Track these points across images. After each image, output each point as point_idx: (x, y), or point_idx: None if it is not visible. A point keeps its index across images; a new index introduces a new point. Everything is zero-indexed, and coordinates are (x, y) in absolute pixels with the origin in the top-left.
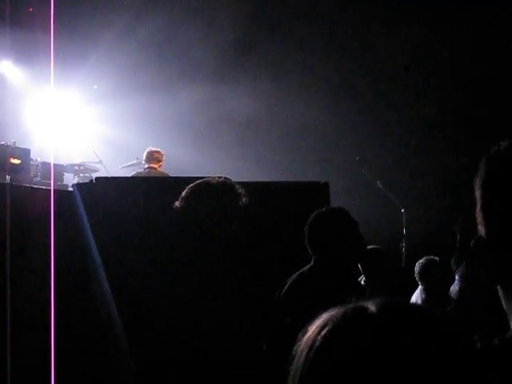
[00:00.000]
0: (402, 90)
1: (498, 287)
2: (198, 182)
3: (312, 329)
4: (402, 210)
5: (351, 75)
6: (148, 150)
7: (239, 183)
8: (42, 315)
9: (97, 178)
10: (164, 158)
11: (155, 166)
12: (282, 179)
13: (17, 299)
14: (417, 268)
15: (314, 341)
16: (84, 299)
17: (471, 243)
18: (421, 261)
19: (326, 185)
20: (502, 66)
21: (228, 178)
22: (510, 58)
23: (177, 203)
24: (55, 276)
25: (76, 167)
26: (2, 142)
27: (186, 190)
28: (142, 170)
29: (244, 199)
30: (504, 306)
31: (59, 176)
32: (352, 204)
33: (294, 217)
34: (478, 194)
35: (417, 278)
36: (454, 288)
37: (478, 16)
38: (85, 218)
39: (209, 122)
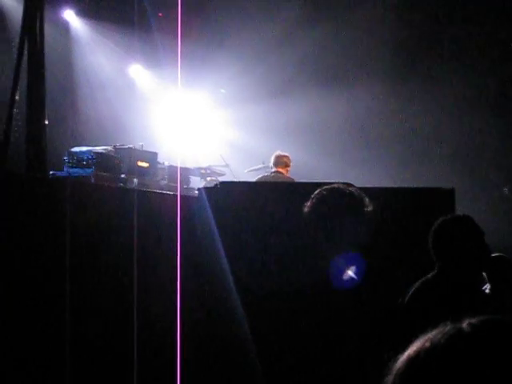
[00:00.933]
0: None
1: None
2: (325, 187)
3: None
4: None
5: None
6: (276, 153)
7: (363, 189)
8: (169, 320)
9: (222, 182)
10: (291, 163)
11: (282, 170)
12: (406, 185)
13: (145, 304)
14: None
15: (411, 360)
16: (209, 303)
17: None
18: None
19: (452, 191)
20: None
21: (352, 184)
22: None
23: (305, 208)
24: (181, 280)
25: (203, 171)
26: (131, 146)
27: (313, 195)
28: (269, 174)
29: (370, 206)
30: None
31: (186, 179)
32: (477, 211)
33: (418, 224)
34: None
35: None
36: None
37: None
38: (212, 221)
39: (335, 126)
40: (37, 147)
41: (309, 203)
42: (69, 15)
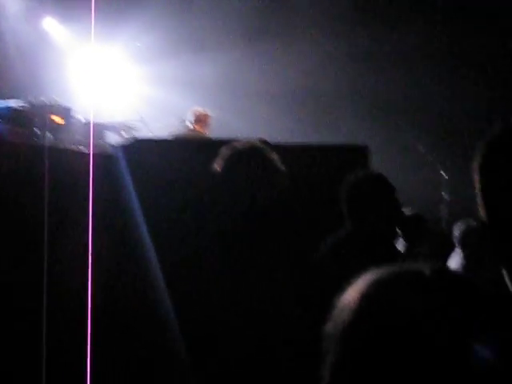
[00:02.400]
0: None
1: (503, 270)
2: (236, 144)
3: (357, 286)
4: (443, 174)
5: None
6: (194, 110)
7: (276, 145)
8: (80, 280)
9: (138, 140)
10: (209, 119)
11: (199, 128)
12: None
13: (55, 262)
14: (456, 233)
15: (362, 298)
16: (124, 264)
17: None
18: (459, 225)
19: (366, 148)
20: None
21: (265, 141)
22: None
23: (217, 166)
24: (93, 243)
25: (117, 125)
26: (45, 100)
27: (225, 151)
28: (186, 131)
29: (277, 164)
30: (510, 289)
31: (100, 134)
32: (391, 168)
33: (332, 180)
34: (476, 177)
35: (456, 243)
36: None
37: None
38: (127, 179)
39: (254, 84)
40: None
41: (220, 160)
42: None
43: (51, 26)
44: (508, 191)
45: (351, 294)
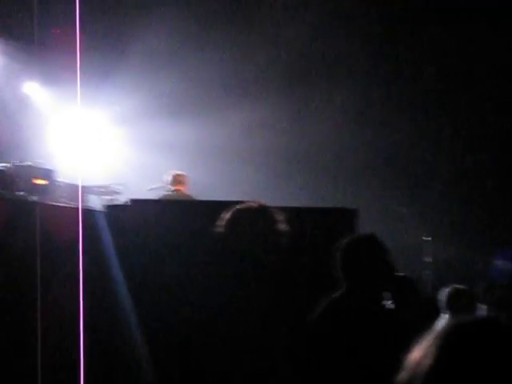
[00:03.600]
0: None
1: None
2: (239, 207)
3: (436, 335)
4: (428, 238)
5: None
6: (172, 173)
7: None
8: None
9: (133, 200)
10: (188, 180)
11: (181, 188)
12: (308, 204)
13: (46, 310)
14: (443, 297)
15: (443, 347)
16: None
17: None
18: (447, 289)
19: (355, 211)
20: None
21: (264, 204)
22: None
23: (216, 228)
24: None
25: (100, 189)
26: (29, 163)
27: (225, 214)
28: (170, 193)
29: (281, 225)
30: None
31: (83, 197)
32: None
33: (322, 242)
34: None
35: (443, 307)
36: None
37: None
38: (110, 238)
39: (230, 145)
40: None
41: (223, 222)
42: None
43: (33, 89)
44: None
45: (430, 343)
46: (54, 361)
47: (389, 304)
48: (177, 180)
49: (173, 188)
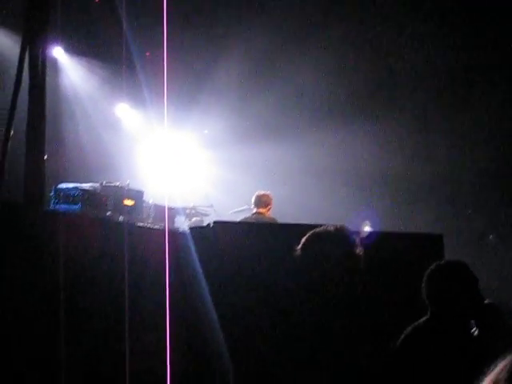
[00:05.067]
0: None
1: None
2: (316, 230)
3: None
4: None
5: None
6: (256, 193)
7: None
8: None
9: (215, 222)
10: (272, 201)
11: (263, 210)
12: (393, 229)
13: (135, 331)
14: None
15: None
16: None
17: None
18: None
19: (440, 237)
20: None
21: (344, 226)
22: None
23: (297, 250)
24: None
25: (188, 210)
26: (117, 183)
27: (305, 237)
28: (250, 216)
29: (360, 248)
30: None
31: (171, 219)
32: (463, 257)
33: (407, 268)
34: None
35: None
36: None
37: None
38: (198, 260)
39: (323, 168)
40: (35, 182)
41: (301, 245)
42: (57, 52)
43: (124, 111)
44: None
45: (497, 378)
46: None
47: (473, 331)
48: (260, 201)
49: (255, 210)
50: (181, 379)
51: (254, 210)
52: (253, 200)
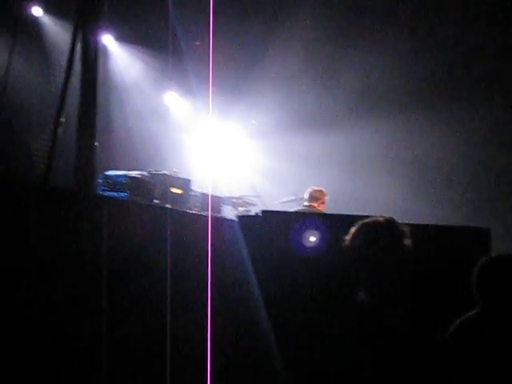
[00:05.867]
0: None
1: None
2: (365, 221)
3: None
4: None
5: None
6: (310, 189)
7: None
8: (199, 335)
9: (263, 211)
10: (326, 197)
11: (315, 204)
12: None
13: (177, 317)
14: None
15: None
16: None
17: None
18: None
19: (488, 231)
20: None
21: (392, 218)
22: None
23: (346, 240)
24: (211, 297)
25: (234, 200)
26: (165, 172)
27: (354, 228)
28: (302, 208)
29: (408, 240)
30: None
31: (217, 208)
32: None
33: (454, 261)
34: None
35: None
36: None
37: None
38: (245, 248)
39: (375, 159)
40: (86, 169)
41: (349, 236)
42: (107, 40)
43: (172, 99)
44: None
45: None
46: (183, 365)
47: None
48: (313, 196)
49: (307, 203)
50: (221, 368)
51: (307, 203)
52: (306, 195)
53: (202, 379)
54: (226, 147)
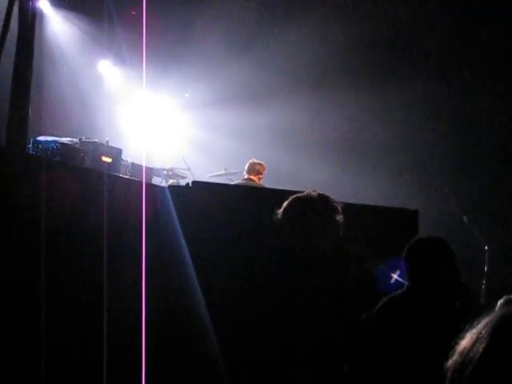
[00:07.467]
0: None
1: None
2: (298, 195)
3: (485, 325)
4: (486, 248)
5: None
6: (250, 161)
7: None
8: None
9: (194, 182)
10: (265, 171)
11: (254, 177)
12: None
13: (111, 280)
14: (498, 307)
15: (494, 335)
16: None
17: None
18: (501, 301)
19: (416, 212)
20: None
21: (323, 194)
22: None
23: (277, 214)
24: (146, 262)
25: (165, 172)
26: (96, 140)
27: (287, 201)
28: (241, 181)
29: (340, 216)
30: None
31: (148, 179)
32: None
33: (381, 240)
34: None
35: None
36: None
37: None
38: (178, 219)
39: (303, 133)
40: (18, 132)
41: (281, 209)
42: (43, 4)
43: (106, 68)
44: None
45: (482, 329)
46: (118, 342)
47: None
48: (253, 168)
49: (246, 176)
50: (156, 332)
51: (246, 176)
52: (246, 167)
53: (136, 350)
54: (159, 119)
